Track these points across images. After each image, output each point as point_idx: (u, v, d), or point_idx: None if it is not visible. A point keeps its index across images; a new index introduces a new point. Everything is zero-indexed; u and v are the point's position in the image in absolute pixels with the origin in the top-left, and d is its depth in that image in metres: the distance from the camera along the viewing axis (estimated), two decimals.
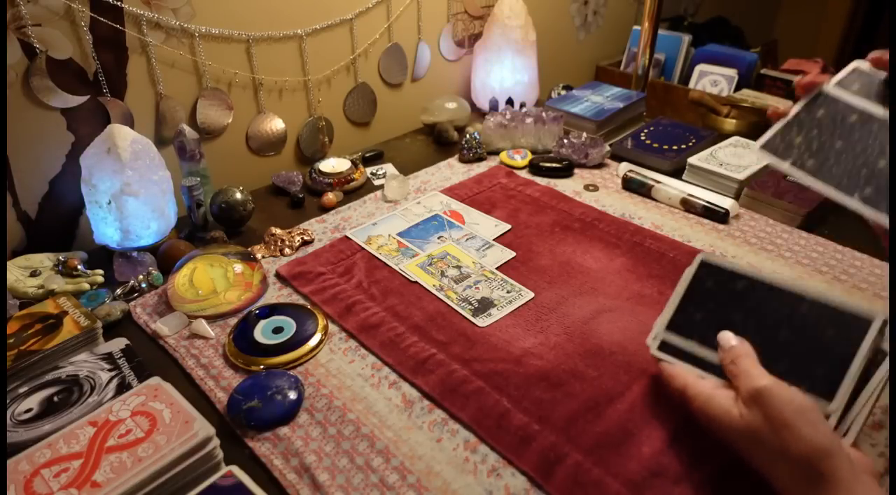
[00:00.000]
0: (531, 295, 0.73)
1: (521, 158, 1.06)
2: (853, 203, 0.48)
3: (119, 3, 0.82)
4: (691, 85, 1.47)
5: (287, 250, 0.84)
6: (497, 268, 0.78)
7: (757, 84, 1.43)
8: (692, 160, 0.98)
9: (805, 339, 0.50)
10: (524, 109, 1.11)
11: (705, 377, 0.52)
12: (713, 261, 0.57)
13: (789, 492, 0.44)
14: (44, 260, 0.79)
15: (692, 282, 0.57)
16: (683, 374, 0.53)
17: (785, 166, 0.52)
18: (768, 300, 0.53)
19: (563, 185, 0.99)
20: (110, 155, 0.75)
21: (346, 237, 0.86)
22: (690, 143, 1.05)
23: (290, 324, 0.69)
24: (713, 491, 0.50)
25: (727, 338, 0.52)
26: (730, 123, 1.19)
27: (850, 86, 0.52)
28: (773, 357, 0.49)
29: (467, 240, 0.84)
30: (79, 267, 0.78)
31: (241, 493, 0.48)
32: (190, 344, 0.68)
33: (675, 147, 1.05)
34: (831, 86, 0.53)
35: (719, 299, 0.55)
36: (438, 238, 0.85)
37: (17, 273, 0.76)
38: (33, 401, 0.57)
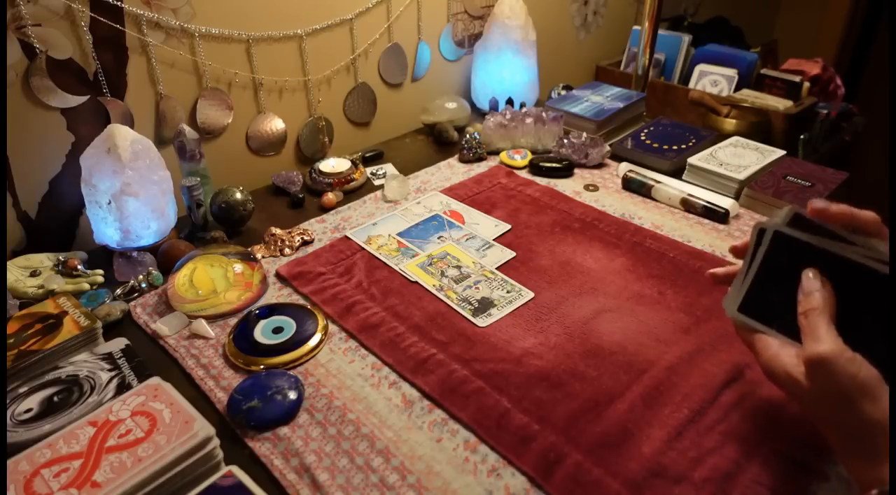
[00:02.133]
0: (531, 295, 0.73)
1: (521, 158, 1.06)
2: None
3: (119, 3, 0.82)
4: (691, 85, 1.47)
5: (287, 250, 0.84)
6: (497, 268, 0.78)
7: (757, 84, 1.43)
8: (692, 160, 0.98)
9: (886, 325, 0.44)
10: (524, 109, 1.11)
11: (779, 337, 0.48)
12: (787, 233, 0.48)
13: (844, 458, 0.44)
14: (44, 260, 0.79)
15: (765, 258, 0.50)
16: (754, 325, 0.50)
17: (774, 333, 0.49)
18: (851, 280, 0.46)
19: (563, 185, 0.99)
20: (110, 155, 0.75)
21: (346, 237, 0.86)
22: (690, 143, 1.05)
23: (290, 324, 0.69)
24: (713, 491, 0.50)
25: (810, 281, 0.47)
26: (730, 123, 1.19)
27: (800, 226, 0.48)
28: (858, 344, 0.43)
29: (467, 240, 0.84)
30: (79, 267, 0.78)
31: (241, 493, 0.48)
32: (190, 344, 0.68)
33: (675, 147, 1.05)
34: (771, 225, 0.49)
35: (797, 278, 0.48)
36: (438, 238, 0.85)
37: (17, 273, 0.76)
38: (33, 401, 0.57)
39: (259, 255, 0.83)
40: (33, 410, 0.56)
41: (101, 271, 0.79)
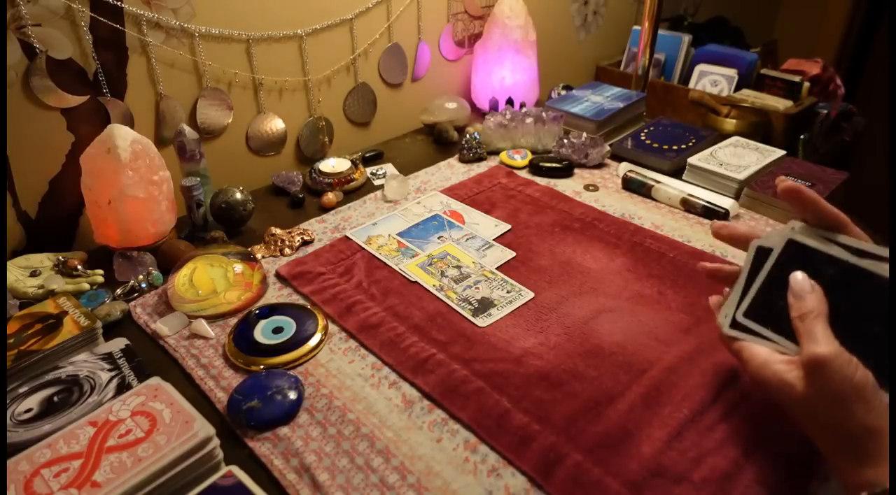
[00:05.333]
0: (531, 295, 0.73)
1: (521, 158, 1.06)
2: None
3: (119, 3, 0.82)
4: (691, 85, 1.47)
5: (287, 250, 0.84)
6: (497, 268, 0.78)
7: (757, 84, 1.43)
8: (692, 160, 0.98)
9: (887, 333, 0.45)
10: (524, 109, 1.11)
11: (764, 343, 0.49)
12: (801, 241, 0.49)
13: (836, 462, 0.44)
14: (44, 260, 0.79)
15: (775, 265, 0.50)
16: (740, 335, 0.50)
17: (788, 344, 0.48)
18: (862, 289, 0.46)
19: (563, 185, 0.99)
20: (110, 155, 0.75)
21: (346, 237, 0.86)
22: (690, 143, 1.05)
23: (290, 324, 0.69)
24: (713, 491, 0.50)
25: (801, 283, 0.47)
26: (730, 123, 1.19)
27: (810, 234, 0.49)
28: (860, 353, 0.44)
29: (467, 240, 0.84)
30: (79, 267, 0.78)
31: (241, 493, 0.48)
32: (190, 344, 0.68)
33: (675, 147, 1.05)
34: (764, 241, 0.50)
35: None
36: (438, 238, 0.85)
37: (17, 273, 0.76)
38: (33, 401, 0.57)
39: (259, 255, 0.83)
40: (33, 410, 0.56)
41: (101, 271, 0.79)
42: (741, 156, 0.98)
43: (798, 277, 0.48)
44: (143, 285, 0.77)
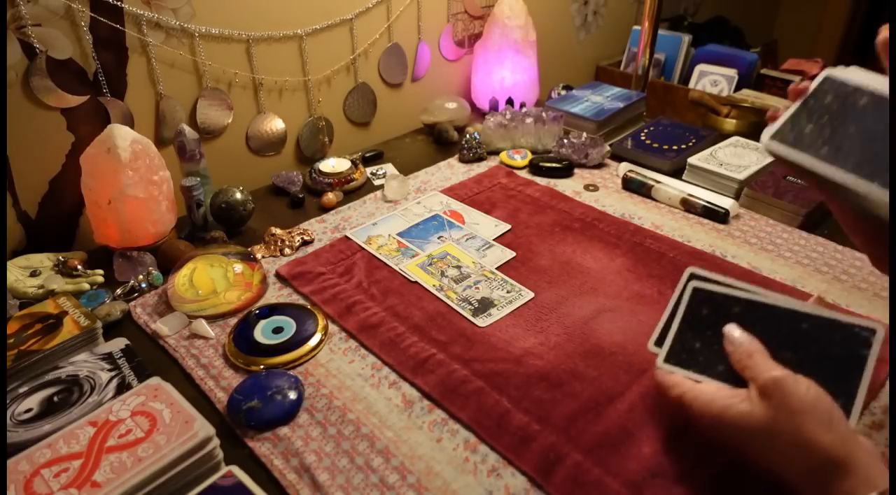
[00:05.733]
0: (531, 295, 0.73)
1: (521, 158, 1.06)
2: (874, 189, 0.44)
3: (119, 3, 0.82)
4: (691, 85, 1.47)
5: (287, 250, 0.84)
6: (497, 268, 0.78)
7: (757, 84, 1.43)
8: (692, 160, 0.98)
9: (809, 358, 0.48)
10: (524, 109, 1.11)
11: (703, 380, 0.51)
12: (705, 288, 0.54)
13: (804, 484, 0.44)
14: (44, 260, 0.79)
15: (687, 310, 0.55)
16: (679, 382, 0.51)
17: (797, 156, 0.49)
18: (767, 320, 0.51)
19: (563, 185, 0.99)
20: (110, 155, 0.75)
21: (346, 237, 0.86)
22: (690, 143, 1.05)
23: (290, 324, 0.69)
24: (713, 491, 0.50)
25: (735, 334, 0.50)
26: (730, 123, 1.19)
27: (853, 72, 0.50)
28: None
29: (467, 240, 0.84)
30: (79, 267, 0.78)
31: (241, 493, 0.48)
32: (190, 344, 0.68)
33: (675, 147, 1.05)
34: (836, 70, 0.51)
35: (716, 325, 0.52)
36: (438, 238, 0.85)
37: (17, 273, 0.76)
38: (33, 401, 0.57)
39: (259, 255, 0.82)
40: (33, 410, 0.56)
41: (101, 271, 0.79)
42: (741, 156, 0.98)
43: (733, 330, 0.51)
44: (143, 285, 0.77)
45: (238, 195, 0.87)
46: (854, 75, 0.50)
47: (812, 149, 0.49)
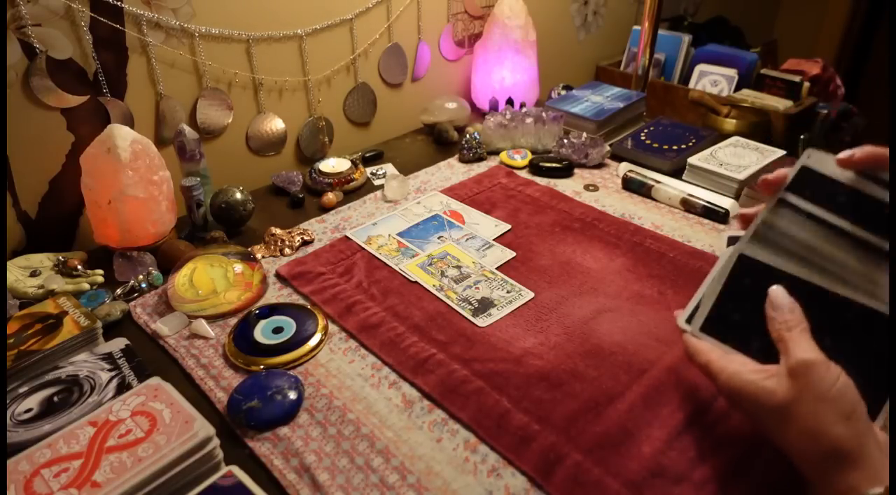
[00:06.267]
0: (531, 295, 0.73)
1: (521, 158, 1.06)
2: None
3: (119, 3, 0.82)
4: (691, 85, 1.47)
5: (287, 250, 0.84)
6: (497, 268, 0.78)
7: (757, 84, 1.43)
8: (692, 160, 0.98)
9: (849, 349, 0.46)
10: (524, 109, 1.11)
11: (731, 353, 0.49)
12: (752, 256, 0.51)
13: (812, 469, 0.44)
14: (44, 260, 0.79)
15: (729, 278, 0.52)
16: (707, 349, 0.50)
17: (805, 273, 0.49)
18: (812, 302, 0.48)
19: (563, 185, 0.99)
20: (110, 155, 0.75)
21: (346, 237, 0.86)
22: (690, 143, 1.05)
23: (290, 324, 0.69)
24: (713, 491, 0.50)
25: (780, 297, 0.48)
26: (730, 123, 1.19)
27: (803, 190, 0.50)
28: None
29: (467, 240, 0.84)
30: (79, 267, 0.78)
31: (241, 493, 0.48)
32: (190, 344, 0.68)
33: (675, 147, 1.05)
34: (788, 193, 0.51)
35: (758, 299, 0.50)
36: (438, 238, 0.85)
37: (17, 273, 0.76)
38: (33, 401, 0.57)
39: (259, 255, 0.83)
40: (33, 410, 0.56)
41: (101, 271, 0.79)
42: (741, 156, 0.98)
43: (779, 291, 0.48)
44: (143, 285, 0.77)
45: (238, 195, 0.87)
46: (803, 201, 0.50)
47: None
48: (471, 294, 0.74)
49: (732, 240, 0.53)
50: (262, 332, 0.68)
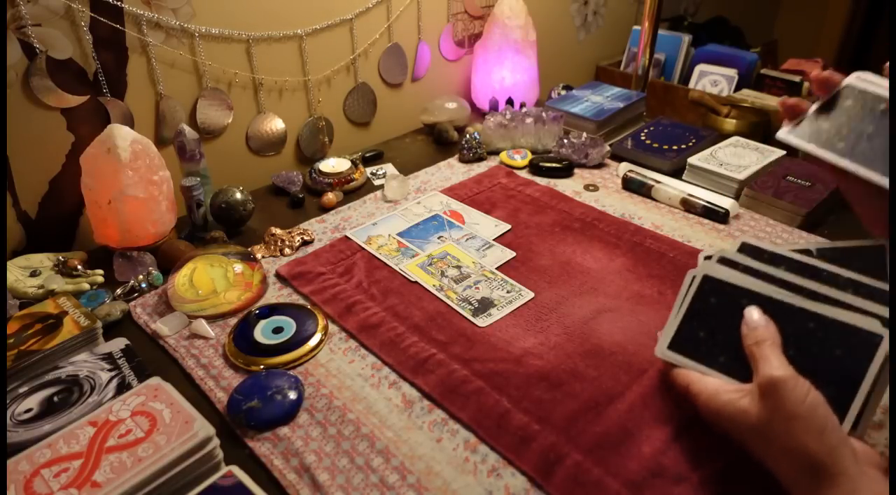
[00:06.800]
0: (531, 295, 0.73)
1: (521, 158, 1.06)
2: (885, 181, 0.46)
3: (119, 3, 0.82)
4: (691, 85, 1.47)
5: (287, 250, 0.84)
6: (497, 268, 0.78)
7: (757, 84, 1.43)
8: (692, 160, 0.98)
9: (811, 358, 0.48)
10: (524, 109, 1.11)
11: (710, 373, 0.52)
12: (715, 276, 0.54)
13: (794, 486, 0.44)
14: (44, 260, 0.79)
15: (694, 298, 0.55)
16: (686, 372, 0.53)
17: (812, 147, 0.51)
18: (775, 315, 0.51)
19: (563, 185, 0.99)
20: (110, 155, 0.75)
21: (346, 237, 0.86)
22: (690, 143, 1.05)
23: (290, 324, 0.69)
24: (713, 491, 0.50)
25: (754, 316, 0.50)
26: (730, 123, 1.19)
27: (871, 79, 0.51)
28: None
29: (467, 240, 0.84)
30: (79, 267, 0.78)
31: (241, 493, 0.48)
32: (190, 344, 0.68)
33: (675, 147, 1.05)
34: (855, 78, 0.51)
35: (722, 316, 0.53)
36: (438, 238, 0.85)
37: (17, 273, 0.76)
38: (33, 401, 0.57)
39: (259, 255, 0.83)
40: (33, 410, 0.56)
41: (101, 271, 0.79)
42: (741, 156, 0.98)
43: (752, 311, 0.51)
44: (143, 285, 0.77)
45: (238, 195, 0.87)
46: (871, 84, 0.51)
47: (828, 143, 0.51)
48: (471, 294, 0.74)
49: (706, 278, 0.56)
50: (262, 332, 0.68)
